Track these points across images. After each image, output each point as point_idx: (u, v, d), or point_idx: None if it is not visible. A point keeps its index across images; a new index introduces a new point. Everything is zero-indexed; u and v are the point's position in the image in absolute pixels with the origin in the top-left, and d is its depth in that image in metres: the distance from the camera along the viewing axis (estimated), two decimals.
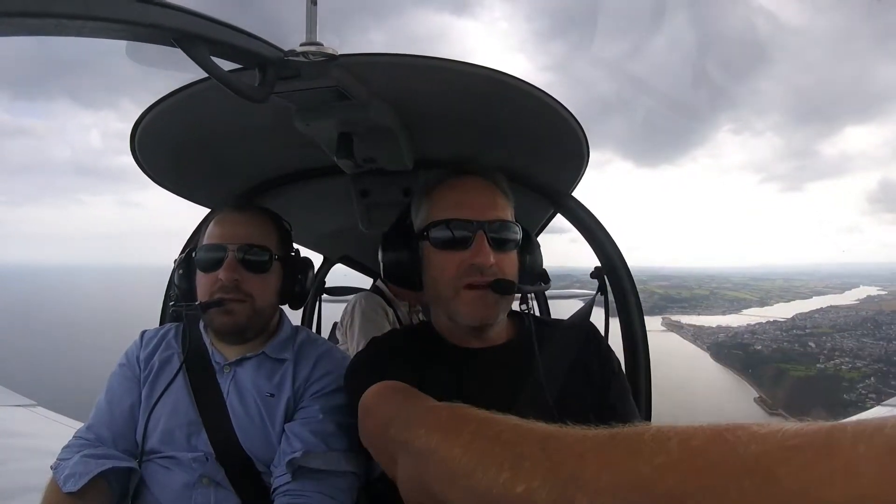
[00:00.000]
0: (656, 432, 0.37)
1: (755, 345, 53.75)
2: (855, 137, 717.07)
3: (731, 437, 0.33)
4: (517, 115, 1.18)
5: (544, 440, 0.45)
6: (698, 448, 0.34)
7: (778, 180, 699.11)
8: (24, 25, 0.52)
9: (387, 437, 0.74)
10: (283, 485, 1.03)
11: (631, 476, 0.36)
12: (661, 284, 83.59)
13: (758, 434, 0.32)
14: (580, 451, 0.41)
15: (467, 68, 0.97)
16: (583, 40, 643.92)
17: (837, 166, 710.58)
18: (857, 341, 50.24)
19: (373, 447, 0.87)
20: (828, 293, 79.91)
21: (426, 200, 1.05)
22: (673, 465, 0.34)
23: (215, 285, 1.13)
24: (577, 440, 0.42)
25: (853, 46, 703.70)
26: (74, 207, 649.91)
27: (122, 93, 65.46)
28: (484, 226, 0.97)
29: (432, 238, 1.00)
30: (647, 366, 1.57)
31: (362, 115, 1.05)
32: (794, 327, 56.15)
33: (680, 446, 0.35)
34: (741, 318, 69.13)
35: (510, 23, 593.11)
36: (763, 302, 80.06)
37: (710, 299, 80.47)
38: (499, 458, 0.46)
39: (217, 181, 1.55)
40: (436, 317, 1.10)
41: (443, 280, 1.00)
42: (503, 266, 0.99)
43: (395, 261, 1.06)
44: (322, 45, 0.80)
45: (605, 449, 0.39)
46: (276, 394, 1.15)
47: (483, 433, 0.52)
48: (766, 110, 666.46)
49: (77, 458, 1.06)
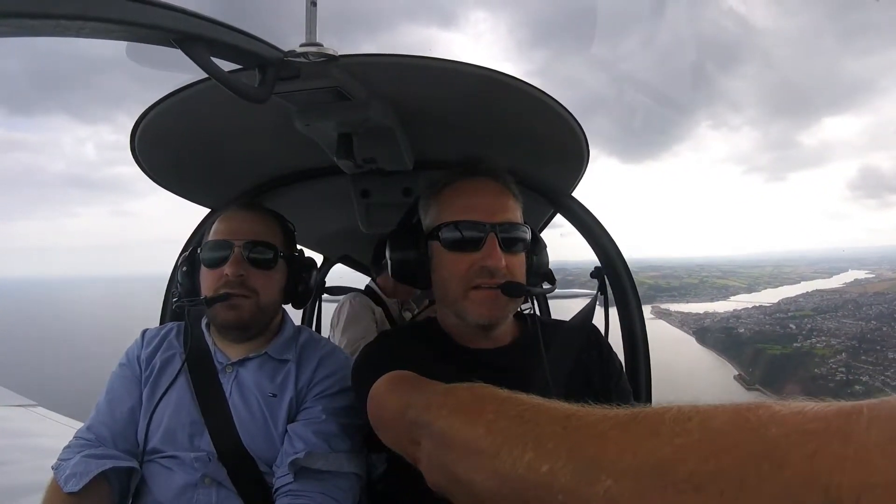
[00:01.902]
0: (677, 412, 0.37)
1: (739, 328, 55.39)
2: (832, 127, 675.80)
3: (752, 417, 0.33)
4: (517, 115, 1.18)
5: (566, 419, 0.45)
6: (718, 429, 0.33)
7: (761, 171, 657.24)
8: (23, 26, 0.52)
9: (405, 421, 0.72)
10: (285, 485, 1.03)
11: (652, 457, 0.36)
12: (652, 275, 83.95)
13: (778, 415, 0.32)
14: (602, 431, 0.40)
15: (467, 69, 0.97)
16: (563, 47, 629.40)
17: (818, 156, 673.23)
18: (837, 322, 51.76)
19: (389, 433, 0.86)
20: (816, 278, 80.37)
21: (436, 200, 1.05)
22: (693, 446, 0.34)
23: (221, 280, 1.13)
24: (599, 419, 0.42)
25: (819, 45, 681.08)
26: (66, 220, 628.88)
27: (118, 107, 65.06)
28: (495, 228, 0.97)
29: (443, 238, 1.00)
30: (647, 365, 1.57)
31: (362, 116, 1.05)
32: (777, 311, 57.63)
33: (700, 426, 0.34)
34: (728, 305, 70.01)
35: (493, 34, 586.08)
36: (751, 288, 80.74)
37: (700, 287, 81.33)
38: (522, 439, 0.46)
39: (217, 181, 1.55)
40: (443, 315, 1.10)
41: (453, 280, 1.00)
42: (512, 267, 0.99)
43: (404, 259, 1.06)
44: (322, 45, 0.80)
45: (627, 429, 0.39)
46: (279, 394, 1.15)
47: (505, 412, 0.51)
48: (741, 106, 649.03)
49: (77, 459, 1.06)
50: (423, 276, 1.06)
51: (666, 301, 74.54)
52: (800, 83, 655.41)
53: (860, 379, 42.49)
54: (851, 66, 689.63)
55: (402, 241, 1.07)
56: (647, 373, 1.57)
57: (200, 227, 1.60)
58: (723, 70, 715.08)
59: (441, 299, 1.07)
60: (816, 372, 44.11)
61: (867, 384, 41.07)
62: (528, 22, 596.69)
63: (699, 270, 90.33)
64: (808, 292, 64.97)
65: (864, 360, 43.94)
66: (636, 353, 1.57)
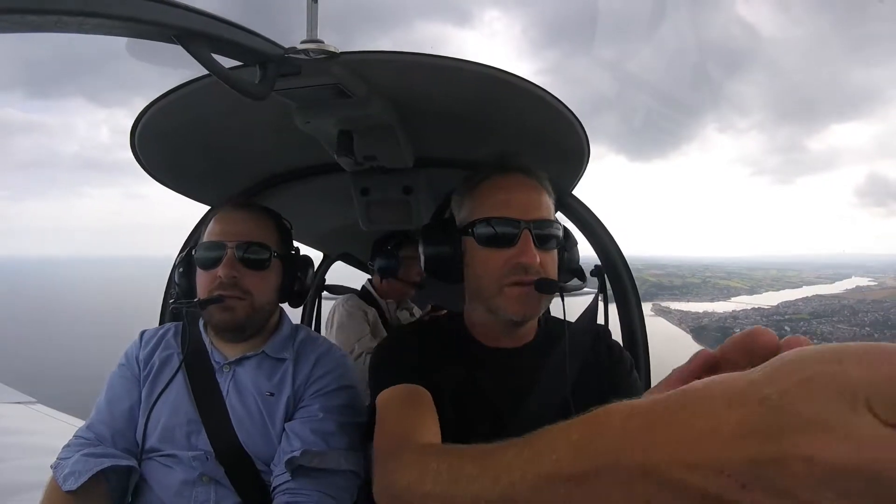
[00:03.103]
0: (549, 432, 0.40)
1: (735, 328, 57.06)
2: (840, 134, 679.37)
3: (603, 419, 0.34)
4: (518, 112, 1.18)
5: (481, 456, 0.50)
6: (578, 442, 0.35)
7: (768, 174, 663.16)
8: (25, 22, 0.52)
9: (390, 452, 0.80)
10: (283, 483, 1.03)
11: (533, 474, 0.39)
12: (656, 273, 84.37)
13: (624, 412, 0.33)
14: (517, 470, 0.43)
15: (468, 66, 0.96)
16: (574, 48, 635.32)
17: (826, 161, 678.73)
18: (832, 327, 53.62)
19: (384, 442, 0.90)
20: (819, 283, 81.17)
21: (470, 196, 1.05)
22: (561, 464, 0.36)
23: (214, 282, 1.13)
24: (513, 457, 0.45)
25: (825, 54, 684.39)
26: (76, 199, 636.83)
27: (135, 92, 64.22)
28: (530, 225, 0.98)
29: (477, 235, 1.01)
30: (647, 365, 1.58)
31: (363, 113, 1.05)
32: (775, 313, 59.30)
33: (564, 443, 0.36)
34: (728, 305, 71.23)
35: (507, 34, 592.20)
36: (753, 291, 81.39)
37: (702, 287, 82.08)
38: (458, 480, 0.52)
39: (217, 179, 1.55)
40: (471, 310, 1.10)
41: (487, 277, 1.00)
42: (546, 264, 1.00)
43: (437, 254, 1.06)
44: (323, 42, 0.80)
45: (524, 457, 0.42)
46: (276, 393, 1.15)
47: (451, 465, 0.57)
48: (748, 111, 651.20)
49: (76, 457, 1.06)
50: (455, 272, 1.05)
51: (667, 299, 75.30)
52: (806, 90, 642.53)
53: None
54: (858, 75, 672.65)
55: (436, 237, 1.07)
56: (647, 372, 1.57)
57: (199, 225, 1.60)
58: (729, 75, 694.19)
59: (473, 295, 1.06)
60: None
61: None
62: (541, 22, 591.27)
63: (703, 270, 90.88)
64: (807, 297, 66.20)
65: None
66: (636, 353, 1.58)
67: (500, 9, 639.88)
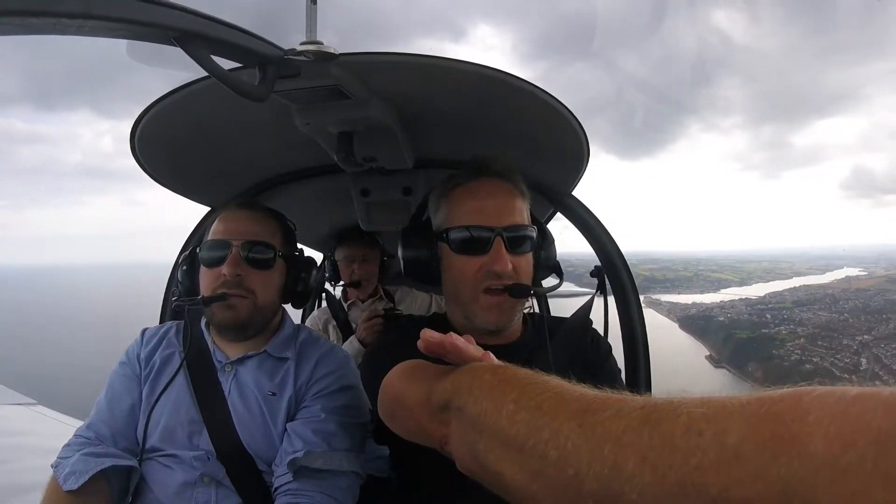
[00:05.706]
0: (687, 421, 0.36)
1: (719, 317, 59.01)
2: (822, 130, 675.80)
3: (766, 433, 0.32)
4: (517, 114, 1.18)
5: (582, 414, 0.44)
6: (734, 450, 0.33)
7: (755, 169, 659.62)
8: (24, 25, 0.52)
9: (429, 408, 0.68)
10: (284, 484, 1.03)
11: (673, 475, 0.35)
12: (649, 267, 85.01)
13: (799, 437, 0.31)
14: (617, 435, 0.40)
15: (468, 67, 0.96)
16: (563, 59, 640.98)
17: (810, 156, 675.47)
18: (812, 313, 54.86)
19: (409, 422, 0.84)
20: (809, 274, 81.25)
21: (445, 200, 1.07)
22: (711, 468, 0.33)
23: (218, 280, 1.13)
24: (613, 416, 0.41)
25: (800, 60, 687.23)
26: (78, 208, 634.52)
27: (141, 102, 65.05)
28: (502, 232, 0.99)
29: (451, 241, 1.03)
30: (646, 365, 1.57)
31: (362, 114, 1.05)
32: (760, 303, 60.52)
33: (715, 443, 0.34)
34: (717, 297, 71.96)
35: (500, 49, 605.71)
36: (743, 282, 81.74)
37: (693, 280, 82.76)
38: (543, 435, 0.45)
39: (217, 180, 1.55)
40: (453, 313, 1.12)
41: (462, 283, 1.03)
42: (519, 269, 1.01)
43: (414, 258, 1.09)
44: (322, 43, 0.80)
45: (641, 436, 0.38)
46: (278, 393, 1.15)
47: (525, 402, 0.49)
48: (729, 112, 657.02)
49: (77, 457, 1.06)
50: (433, 276, 1.08)
51: (659, 292, 76.11)
52: (784, 91, 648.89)
53: (812, 360, 46.86)
54: (834, 76, 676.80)
55: (413, 241, 1.09)
56: (646, 372, 1.57)
57: (200, 225, 1.60)
58: (708, 81, 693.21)
59: (451, 299, 1.09)
60: (774, 353, 49.24)
61: (817, 364, 45.59)
62: (530, 38, 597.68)
63: (696, 264, 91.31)
64: (794, 287, 67.18)
65: (819, 345, 48.84)
66: (636, 352, 1.57)
67: (493, 25, 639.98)
